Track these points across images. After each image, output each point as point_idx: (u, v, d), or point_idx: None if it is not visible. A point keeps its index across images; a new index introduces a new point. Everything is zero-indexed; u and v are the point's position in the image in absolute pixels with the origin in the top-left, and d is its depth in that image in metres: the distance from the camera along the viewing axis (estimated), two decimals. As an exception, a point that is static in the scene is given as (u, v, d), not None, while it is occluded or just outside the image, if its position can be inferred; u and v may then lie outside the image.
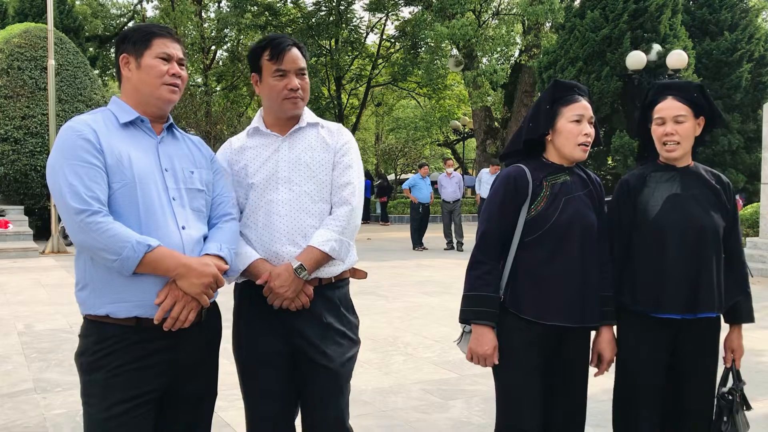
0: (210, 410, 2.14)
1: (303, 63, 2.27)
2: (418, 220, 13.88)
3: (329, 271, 2.23)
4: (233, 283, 2.31)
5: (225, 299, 2.18)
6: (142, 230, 1.89)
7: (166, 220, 1.94)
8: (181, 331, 1.93)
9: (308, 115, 2.35)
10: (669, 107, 2.32)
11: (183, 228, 1.97)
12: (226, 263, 2.02)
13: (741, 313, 2.41)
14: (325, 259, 2.18)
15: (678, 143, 2.31)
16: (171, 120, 2.12)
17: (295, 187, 2.24)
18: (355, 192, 2.27)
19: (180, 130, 2.18)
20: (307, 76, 2.30)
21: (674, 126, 2.31)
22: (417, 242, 13.83)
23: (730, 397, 2.38)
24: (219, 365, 2.18)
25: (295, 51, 2.25)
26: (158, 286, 1.90)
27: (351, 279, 2.38)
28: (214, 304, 2.12)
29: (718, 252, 2.33)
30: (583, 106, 2.26)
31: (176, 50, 2.04)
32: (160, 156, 2.02)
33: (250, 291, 2.22)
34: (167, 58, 2.01)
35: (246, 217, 2.28)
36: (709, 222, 2.31)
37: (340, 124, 2.41)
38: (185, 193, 2.03)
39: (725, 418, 2.36)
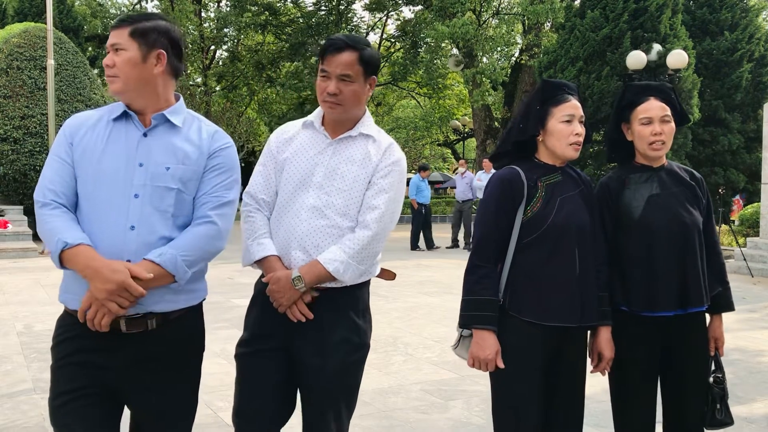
0: (182, 428, 2.04)
1: (349, 69, 2.15)
2: (421, 221, 13.85)
3: (337, 283, 2.18)
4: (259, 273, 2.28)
5: (223, 299, 2.16)
6: (89, 227, 1.89)
7: (116, 219, 1.88)
8: (123, 334, 1.89)
9: (365, 125, 2.27)
10: (655, 107, 2.38)
11: (132, 228, 1.88)
12: (167, 270, 1.86)
13: (722, 302, 2.48)
14: (328, 276, 2.13)
15: (664, 143, 2.38)
16: (167, 111, 1.99)
17: (324, 196, 2.19)
18: (382, 218, 2.18)
19: (196, 120, 2.06)
20: (354, 83, 2.17)
21: (661, 126, 2.37)
22: (417, 244, 13.77)
23: (720, 386, 2.43)
24: (218, 365, 2.16)
25: (345, 55, 2.14)
26: None
27: (377, 279, 2.35)
28: (188, 314, 2.01)
29: (700, 246, 2.40)
30: (573, 106, 2.26)
31: (111, 38, 1.94)
32: (138, 150, 1.94)
33: (264, 285, 2.20)
34: (109, 51, 1.95)
35: (276, 211, 2.26)
36: (690, 218, 2.38)
37: (393, 141, 2.30)
38: (151, 191, 1.91)
39: (718, 406, 2.40)
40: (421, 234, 13.90)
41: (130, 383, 1.94)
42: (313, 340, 2.16)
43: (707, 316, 2.48)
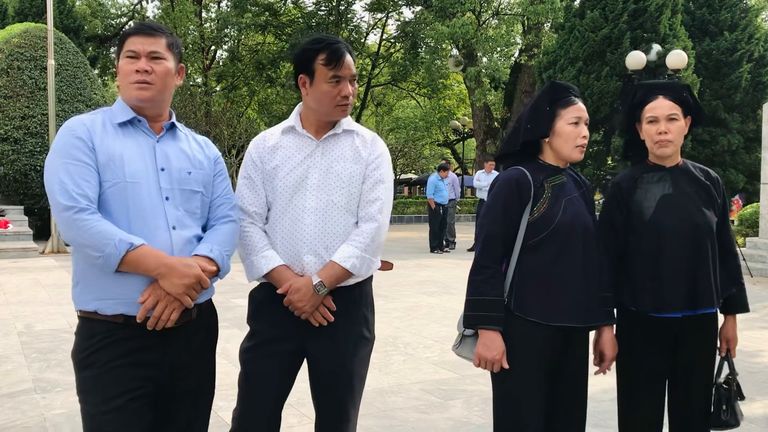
0: (207, 408, 2.14)
1: (354, 69, 2.25)
2: (439, 222, 13.71)
3: (350, 280, 2.23)
4: (254, 283, 2.31)
5: (223, 298, 2.17)
6: (131, 229, 1.89)
7: (156, 220, 1.94)
8: (170, 329, 1.93)
9: (345, 122, 2.31)
10: (661, 106, 2.36)
11: (173, 228, 1.97)
12: (217, 265, 2.01)
13: (736, 303, 2.45)
14: (346, 275, 2.18)
15: (671, 141, 2.35)
16: (173, 119, 2.11)
17: (324, 196, 2.21)
18: (383, 209, 2.25)
19: (186, 129, 2.16)
20: (355, 81, 2.28)
21: (667, 125, 2.35)
22: (438, 245, 13.62)
23: (727, 387, 2.42)
24: (218, 365, 2.18)
25: (349, 57, 2.21)
26: (144, 284, 1.90)
27: (378, 272, 2.39)
28: (210, 303, 2.12)
29: (713, 248, 2.37)
30: (579, 108, 2.28)
31: (147, 45, 1.98)
32: (156, 155, 2.01)
33: (270, 290, 2.21)
34: (135, 56, 1.97)
35: (272, 219, 2.26)
36: (703, 219, 2.35)
37: (375, 134, 2.37)
38: (179, 194, 2.02)
39: (724, 407, 2.39)
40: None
41: (178, 373, 2.00)
42: (329, 338, 2.21)
43: (722, 316, 2.46)
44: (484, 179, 13.40)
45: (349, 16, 28.63)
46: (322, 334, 2.20)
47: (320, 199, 2.21)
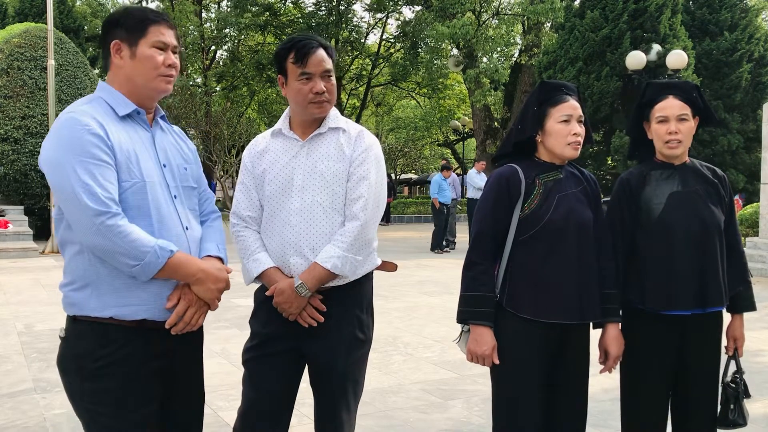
0: (202, 409, 2.11)
1: (329, 65, 2.21)
2: (444, 222, 13.71)
3: (340, 280, 2.21)
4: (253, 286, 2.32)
5: (223, 298, 2.17)
6: (155, 232, 1.81)
7: (173, 220, 1.88)
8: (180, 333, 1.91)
9: (332, 119, 2.28)
10: (672, 106, 2.36)
11: (186, 228, 1.92)
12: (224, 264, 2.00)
13: (743, 301, 2.46)
14: (329, 275, 2.15)
15: (680, 141, 2.35)
16: (161, 111, 2.01)
17: (308, 197, 2.20)
18: (367, 206, 2.21)
19: (166, 120, 2.06)
20: (333, 78, 2.24)
21: (677, 124, 2.35)
22: (440, 245, 13.62)
23: (734, 385, 2.42)
24: (218, 365, 2.19)
25: (320, 52, 2.18)
26: (167, 288, 1.84)
27: (379, 272, 2.38)
28: None
29: (721, 245, 2.37)
30: (571, 106, 2.26)
31: (171, 38, 1.92)
32: (157, 151, 1.92)
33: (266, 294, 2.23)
34: (163, 48, 1.88)
35: (265, 222, 2.27)
36: (711, 217, 2.35)
37: (362, 128, 2.33)
38: (183, 191, 1.95)
39: (732, 406, 2.39)
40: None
41: (183, 376, 1.98)
42: (321, 339, 2.21)
43: (728, 315, 2.46)
44: (477, 178, 13.49)
45: (349, 16, 28.61)
46: (316, 334, 2.20)
47: (305, 200, 2.20)
